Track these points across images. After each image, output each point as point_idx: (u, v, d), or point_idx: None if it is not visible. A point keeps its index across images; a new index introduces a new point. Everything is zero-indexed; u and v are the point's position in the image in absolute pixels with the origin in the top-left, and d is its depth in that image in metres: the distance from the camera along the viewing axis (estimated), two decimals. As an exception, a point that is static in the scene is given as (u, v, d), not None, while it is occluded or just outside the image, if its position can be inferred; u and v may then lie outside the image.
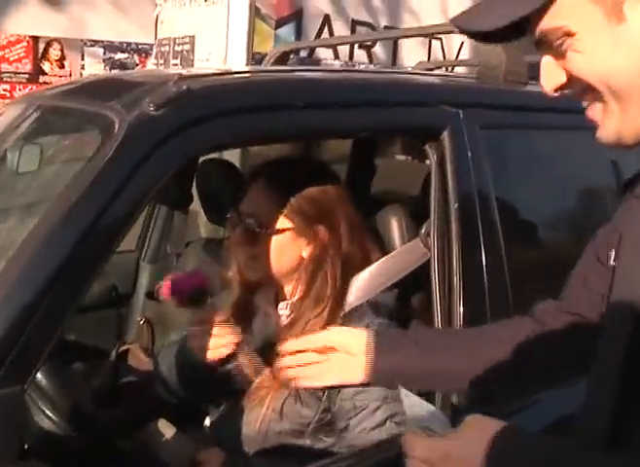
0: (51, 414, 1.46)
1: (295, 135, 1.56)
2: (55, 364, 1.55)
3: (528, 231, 1.96)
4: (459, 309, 1.64)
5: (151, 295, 2.71)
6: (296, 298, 1.72)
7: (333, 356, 1.43)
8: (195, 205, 2.75)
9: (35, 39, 7.42)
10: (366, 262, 1.72)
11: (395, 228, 1.88)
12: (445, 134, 1.70)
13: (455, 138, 1.71)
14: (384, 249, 1.85)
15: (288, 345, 1.46)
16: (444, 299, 1.66)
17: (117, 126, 1.33)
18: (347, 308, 1.67)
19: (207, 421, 1.82)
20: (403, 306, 1.82)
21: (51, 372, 1.48)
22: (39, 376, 1.44)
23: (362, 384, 1.39)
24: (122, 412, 2.12)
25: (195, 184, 2.64)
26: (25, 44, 7.37)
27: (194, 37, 5.14)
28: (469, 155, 1.72)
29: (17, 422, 1.16)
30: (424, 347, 1.36)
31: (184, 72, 1.50)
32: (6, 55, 7.29)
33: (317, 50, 6.23)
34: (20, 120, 1.79)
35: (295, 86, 1.60)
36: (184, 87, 1.36)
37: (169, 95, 1.34)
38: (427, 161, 1.75)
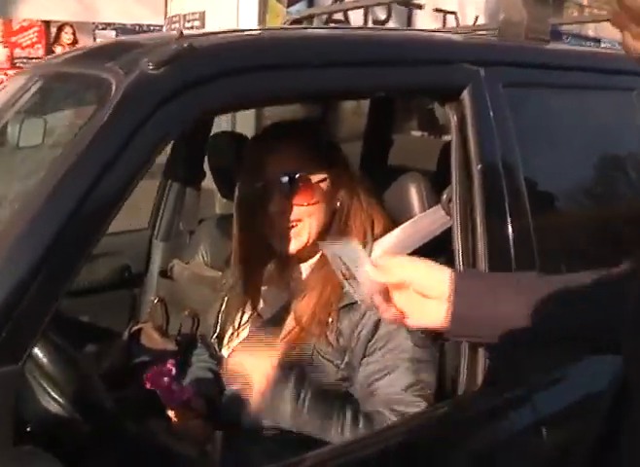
0: (55, 395, 1.37)
1: (308, 95, 1.45)
2: (60, 343, 1.46)
3: (556, 196, 1.84)
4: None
5: (164, 274, 2.62)
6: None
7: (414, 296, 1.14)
8: (209, 182, 2.65)
9: (47, 24, 7.35)
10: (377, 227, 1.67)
11: (414, 195, 1.77)
12: (466, 93, 1.58)
13: (476, 97, 1.59)
14: (403, 217, 1.75)
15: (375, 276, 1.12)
16: (468, 267, 1.55)
17: (114, 88, 1.22)
18: None
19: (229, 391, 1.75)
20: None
21: (55, 351, 1.38)
22: (41, 355, 1.35)
23: (441, 330, 1.14)
24: (134, 392, 2.04)
25: (206, 159, 2.54)
26: (37, 29, 7.30)
27: (204, 13, 5.03)
28: (491, 115, 1.61)
29: (12, 403, 1.07)
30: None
31: (186, 32, 1.39)
32: (19, 41, 7.22)
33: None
34: (23, 90, 1.69)
35: (308, 43, 1.48)
36: (186, 44, 1.25)
37: (170, 53, 1.24)
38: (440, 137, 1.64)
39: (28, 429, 1.34)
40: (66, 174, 1.13)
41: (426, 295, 1.10)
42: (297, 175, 1.61)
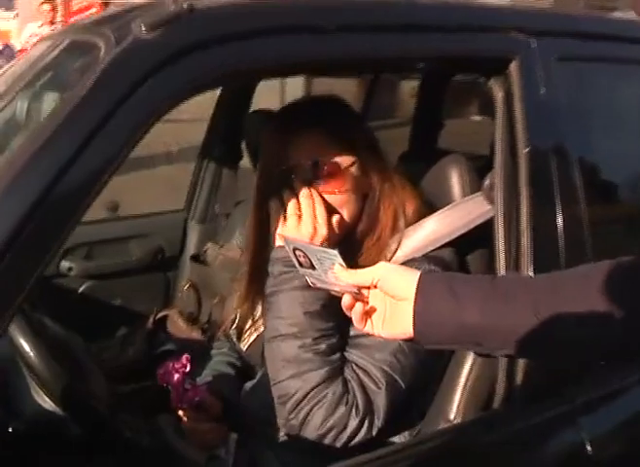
0: (46, 397, 1.25)
1: (324, 63, 1.25)
2: (57, 334, 1.34)
3: (614, 184, 1.62)
4: (528, 272, 1.34)
5: (196, 258, 2.48)
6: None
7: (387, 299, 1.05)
8: (247, 162, 2.49)
9: (106, 4, 7.31)
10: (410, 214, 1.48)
11: (454, 179, 1.57)
12: (514, 66, 1.38)
13: (526, 71, 1.39)
14: (442, 204, 1.56)
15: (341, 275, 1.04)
16: (510, 264, 1.36)
17: (101, 54, 1.07)
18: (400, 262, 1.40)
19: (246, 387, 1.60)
20: (462, 266, 1.53)
21: (46, 346, 1.25)
22: (29, 348, 1.22)
23: (411, 339, 1.02)
24: (154, 383, 1.91)
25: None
26: (96, 9, 7.26)
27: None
28: (542, 91, 1.41)
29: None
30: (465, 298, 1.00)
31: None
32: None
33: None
34: (39, 58, 1.55)
35: (325, 4, 1.28)
36: (184, 4, 1.08)
37: (165, 15, 1.07)
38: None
39: (10, 429, 1.22)
40: (41, 148, 0.98)
41: (396, 297, 1.00)
42: (323, 160, 1.42)
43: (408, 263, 1.40)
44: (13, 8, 11.75)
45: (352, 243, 1.45)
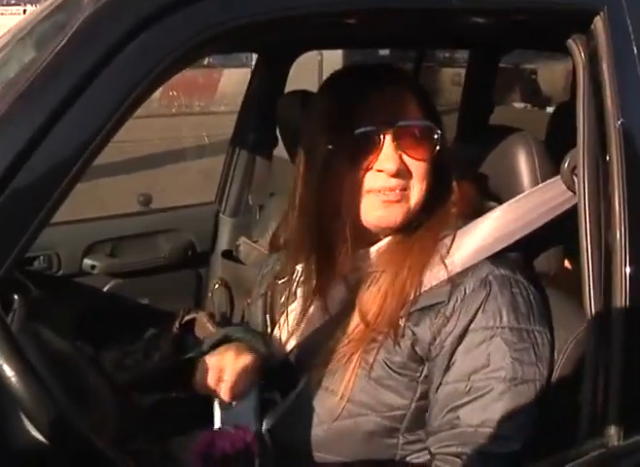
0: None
1: (365, 11, 0.97)
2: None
3: None
4: (624, 270, 1.06)
5: (228, 254, 2.24)
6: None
7: None
8: (282, 150, 2.24)
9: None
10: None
11: (522, 162, 1.29)
12: (599, 21, 1.10)
13: (615, 27, 1.11)
14: (508, 192, 1.27)
15: None
16: (599, 258, 1.08)
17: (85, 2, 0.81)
18: (459, 268, 1.14)
19: (265, 426, 1.31)
20: (531, 267, 1.25)
21: (35, 366, 1.00)
22: (10, 371, 0.97)
23: None
24: (180, 393, 1.67)
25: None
26: None
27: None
28: (635, 51, 1.12)
29: None
30: None
31: None
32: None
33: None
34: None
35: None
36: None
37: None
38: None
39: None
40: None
41: None
42: (416, 122, 1.17)
43: (470, 270, 1.13)
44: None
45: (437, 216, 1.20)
